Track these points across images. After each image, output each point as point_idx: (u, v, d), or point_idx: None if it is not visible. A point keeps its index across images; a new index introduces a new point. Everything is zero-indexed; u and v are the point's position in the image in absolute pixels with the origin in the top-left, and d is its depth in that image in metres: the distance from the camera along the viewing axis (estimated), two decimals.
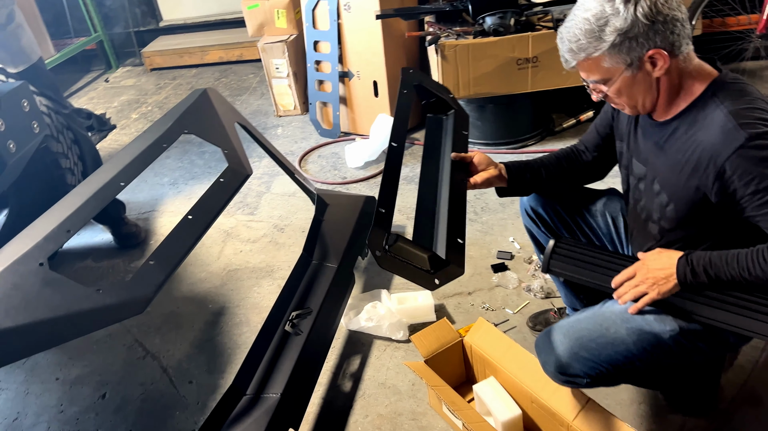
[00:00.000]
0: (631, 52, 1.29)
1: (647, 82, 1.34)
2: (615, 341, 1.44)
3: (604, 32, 1.28)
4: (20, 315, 1.39)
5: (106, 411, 2.08)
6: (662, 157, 1.42)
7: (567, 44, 1.35)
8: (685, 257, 1.33)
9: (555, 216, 1.81)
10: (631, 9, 1.25)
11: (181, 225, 1.85)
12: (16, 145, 1.92)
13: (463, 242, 1.47)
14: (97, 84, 5.48)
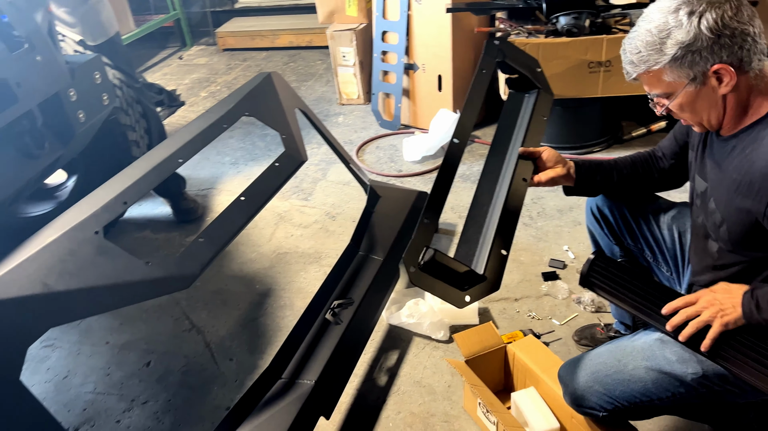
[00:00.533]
0: (693, 66, 1.23)
1: (712, 99, 1.27)
2: (632, 378, 1.40)
3: (666, 45, 1.23)
4: (73, 280, 1.45)
5: (150, 379, 2.15)
6: (720, 174, 1.34)
7: (628, 56, 1.31)
8: (750, 291, 1.25)
9: (621, 220, 1.74)
10: (695, 22, 1.19)
11: (233, 205, 1.88)
12: (85, 115, 1.99)
13: (507, 254, 1.42)
14: (171, 61, 5.65)
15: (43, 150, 1.83)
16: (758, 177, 1.21)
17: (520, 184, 1.58)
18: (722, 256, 1.38)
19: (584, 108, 3.19)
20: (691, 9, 1.20)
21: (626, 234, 1.74)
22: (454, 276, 1.32)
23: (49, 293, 1.39)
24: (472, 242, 1.45)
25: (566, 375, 1.53)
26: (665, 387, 1.39)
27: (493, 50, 1.79)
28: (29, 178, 1.84)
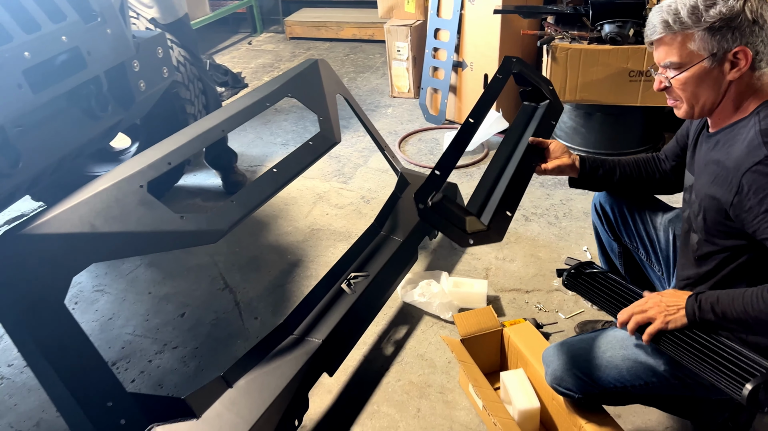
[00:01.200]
0: (722, 42, 1.28)
1: (717, 82, 1.33)
2: (609, 365, 1.50)
3: (708, 13, 1.28)
4: (116, 224, 1.67)
5: (182, 328, 2.38)
6: (702, 167, 1.42)
7: (664, 15, 1.33)
8: (694, 295, 1.34)
9: (621, 218, 1.83)
10: (742, 1, 1.26)
11: (266, 175, 2.07)
12: (146, 84, 2.23)
13: (511, 215, 1.58)
14: (240, 45, 5.96)
15: (105, 112, 2.07)
16: (731, 168, 1.29)
17: (528, 164, 1.73)
18: (700, 247, 1.45)
19: (625, 116, 3.23)
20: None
21: (624, 232, 1.83)
22: (460, 220, 1.50)
23: (94, 233, 1.62)
24: (480, 200, 1.63)
25: (549, 357, 1.63)
26: (639, 376, 1.48)
27: (510, 63, 1.99)
28: (91, 137, 2.08)
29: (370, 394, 2.01)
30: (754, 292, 1.25)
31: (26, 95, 1.70)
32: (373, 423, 1.91)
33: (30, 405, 2.08)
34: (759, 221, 1.24)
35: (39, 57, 1.74)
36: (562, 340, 1.66)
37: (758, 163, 1.22)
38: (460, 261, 2.61)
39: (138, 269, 2.73)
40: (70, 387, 1.50)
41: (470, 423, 1.88)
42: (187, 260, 2.76)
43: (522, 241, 2.70)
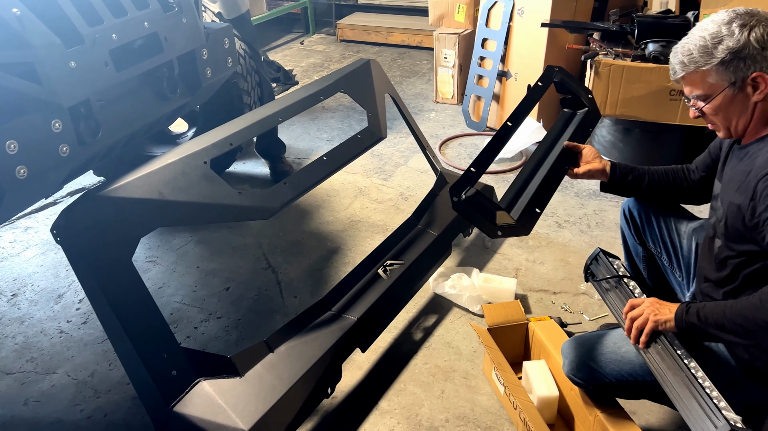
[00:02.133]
0: (737, 72, 1.40)
1: (744, 105, 1.45)
2: (623, 359, 1.60)
3: (717, 49, 1.41)
4: (181, 194, 1.84)
5: (226, 301, 2.54)
6: (730, 176, 1.53)
7: (679, 57, 1.48)
8: (687, 302, 1.46)
9: (647, 224, 1.93)
10: (746, 33, 1.38)
11: (316, 162, 2.22)
12: (212, 72, 2.41)
13: (540, 212, 1.70)
14: (293, 44, 6.18)
15: (174, 95, 2.26)
16: (753, 176, 1.39)
17: (561, 166, 1.85)
18: (721, 251, 1.54)
19: (665, 134, 3.29)
20: (743, 22, 1.40)
21: (649, 237, 1.92)
22: (490, 213, 1.64)
23: (162, 200, 1.79)
24: (511, 197, 1.76)
25: (567, 349, 1.74)
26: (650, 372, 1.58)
27: (552, 71, 2.15)
28: (160, 116, 2.27)
29: (398, 374, 2.13)
30: (736, 300, 1.36)
31: (111, 73, 1.89)
32: (400, 399, 2.03)
33: (85, 357, 2.27)
34: (765, 226, 1.33)
35: (124, 39, 1.94)
36: (579, 335, 1.76)
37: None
38: (491, 260, 2.72)
39: (188, 245, 2.92)
40: (131, 336, 1.67)
41: (491, 407, 1.99)
42: (233, 240, 2.94)
43: (553, 246, 2.79)
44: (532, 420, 1.70)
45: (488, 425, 1.92)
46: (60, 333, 2.40)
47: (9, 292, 2.64)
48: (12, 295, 2.62)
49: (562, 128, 2.09)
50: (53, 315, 2.49)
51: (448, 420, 1.95)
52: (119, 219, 1.71)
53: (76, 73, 1.76)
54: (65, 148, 1.77)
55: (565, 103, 2.23)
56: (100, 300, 1.67)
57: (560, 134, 2.05)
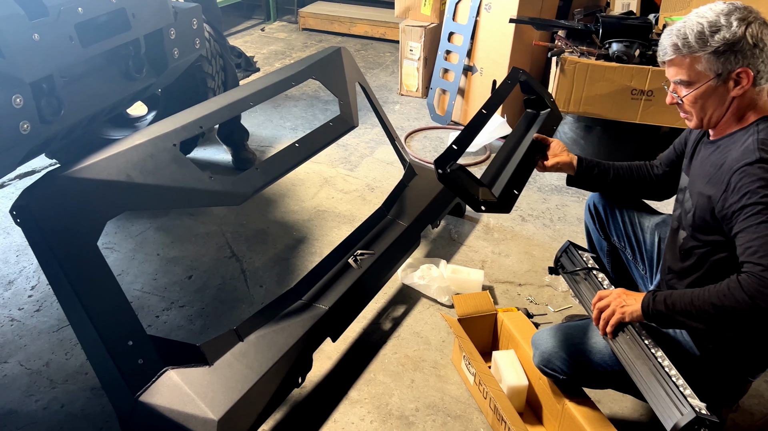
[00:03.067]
0: (726, 64, 1.43)
1: (723, 98, 1.48)
2: (593, 349, 1.64)
3: (713, 38, 1.42)
4: (149, 177, 1.77)
5: (189, 289, 2.48)
6: (699, 169, 1.57)
7: (674, 38, 1.47)
8: (652, 292, 1.49)
9: (611, 218, 1.97)
10: (743, 27, 1.41)
11: (288, 149, 2.19)
12: (179, 53, 2.33)
13: (518, 193, 1.76)
14: (253, 31, 6.06)
15: (140, 74, 2.17)
16: (725, 169, 1.43)
17: (533, 155, 1.91)
18: (686, 242, 1.59)
19: (624, 133, 3.38)
20: (742, 16, 1.42)
21: (613, 232, 1.97)
22: (474, 188, 1.69)
23: (129, 182, 1.72)
24: (491, 176, 1.82)
25: (538, 340, 1.77)
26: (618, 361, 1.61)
27: (517, 72, 2.23)
28: (124, 96, 2.18)
29: (368, 363, 2.12)
30: (703, 288, 1.39)
31: (76, 48, 1.81)
32: (369, 389, 2.02)
33: (39, 346, 2.17)
34: (734, 217, 1.38)
35: (90, 13, 1.85)
36: (550, 326, 1.79)
37: (747, 164, 1.37)
38: (458, 251, 2.74)
39: (147, 231, 2.82)
40: (96, 323, 1.60)
41: (460, 396, 2.00)
42: (195, 227, 2.86)
43: (518, 239, 2.83)
44: (504, 408, 1.72)
45: (458, 414, 1.94)
46: (11, 321, 2.28)
47: None
48: None
49: (528, 126, 2.13)
50: (3, 303, 2.37)
51: (418, 409, 1.95)
52: (85, 201, 1.64)
53: (39, 46, 1.67)
54: (26, 125, 1.69)
55: (528, 103, 2.28)
56: (63, 285, 1.59)
57: (527, 130, 2.09)
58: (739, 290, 1.31)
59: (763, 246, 1.30)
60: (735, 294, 1.32)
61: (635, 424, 1.92)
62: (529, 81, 2.27)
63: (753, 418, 1.94)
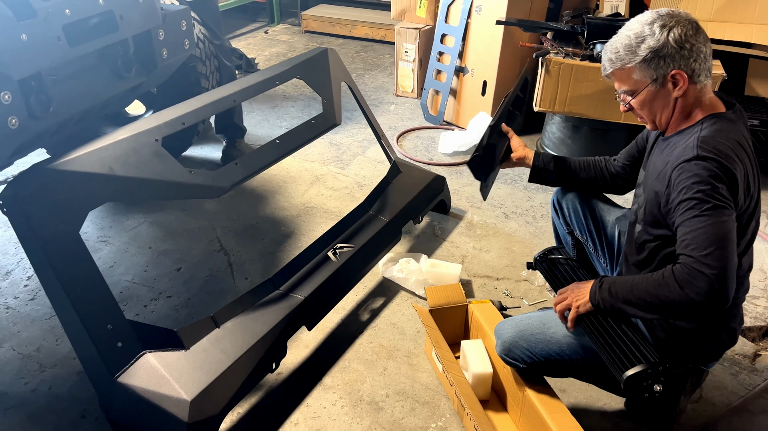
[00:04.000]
0: (658, 69, 1.51)
1: (666, 100, 1.56)
2: (551, 340, 1.71)
3: (640, 48, 1.51)
4: (131, 170, 1.87)
5: (177, 281, 2.57)
6: (652, 166, 1.64)
7: (608, 54, 1.60)
8: (599, 279, 1.57)
9: (573, 213, 2.04)
10: (665, 33, 1.49)
11: (268, 145, 2.28)
12: (168, 53, 2.43)
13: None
14: (257, 33, 6.17)
15: (129, 74, 2.27)
16: (669, 166, 1.50)
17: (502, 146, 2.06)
18: (640, 236, 1.66)
19: (611, 132, 3.43)
20: (663, 23, 1.50)
21: (576, 226, 2.04)
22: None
23: (111, 175, 1.82)
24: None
25: (501, 330, 1.83)
26: (576, 351, 1.69)
27: (527, 82, 2.40)
28: (115, 94, 2.28)
29: (343, 352, 2.20)
30: (642, 276, 1.47)
31: (63, 48, 1.91)
32: (343, 376, 2.10)
33: (32, 333, 2.27)
34: (674, 212, 1.44)
35: (77, 15, 1.95)
36: (512, 317, 1.86)
37: (685, 161, 1.43)
38: (440, 247, 2.81)
39: (141, 226, 2.93)
40: (76, 307, 1.69)
41: (430, 383, 2.07)
42: (187, 222, 2.96)
43: (499, 236, 2.90)
44: (464, 394, 1.79)
45: (426, 400, 2.01)
46: (6, 309, 2.39)
47: None
48: None
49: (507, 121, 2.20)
50: (0, 292, 2.48)
51: (388, 395, 2.02)
52: (68, 192, 1.73)
53: (27, 45, 1.77)
54: (14, 120, 1.79)
55: (515, 102, 2.35)
56: (47, 271, 1.69)
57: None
58: (672, 279, 1.37)
59: (695, 239, 1.37)
60: (668, 283, 1.38)
61: (600, 413, 1.98)
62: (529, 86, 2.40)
63: (715, 409, 1.99)
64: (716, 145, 1.44)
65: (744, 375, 2.11)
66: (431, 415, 1.96)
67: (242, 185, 3.24)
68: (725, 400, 2.01)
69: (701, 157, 1.43)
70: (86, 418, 1.93)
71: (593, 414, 1.98)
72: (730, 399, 2.01)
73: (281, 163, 3.48)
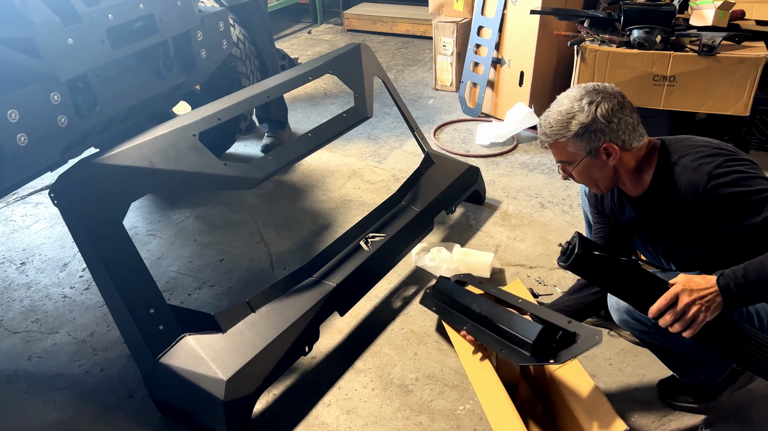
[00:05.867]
0: (590, 143, 1.60)
1: (603, 168, 1.65)
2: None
3: (571, 124, 1.60)
4: (170, 163, 1.98)
5: (219, 271, 2.69)
6: (652, 222, 1.74)
7: (543, 128, 1.69)
8: (720, 273, 1.44)
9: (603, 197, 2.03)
10: (593, 109, 1.57)
11: (301, 138, 2.36)
12: (207, 53, 2.55)
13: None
14: (300, 34, 6.31)
15: (170, 73, 2.40)
16: (688, 202, 1.58)
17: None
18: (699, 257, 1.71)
19: (652, 119, 3.36)
20: (591, 99, 1.59)
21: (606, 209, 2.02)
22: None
23: (152, 168, 1.93)
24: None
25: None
26: None
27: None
28: (157, 93, 2.41)
29: (375, 337, 2.26)
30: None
31: (107, 50, 2.04)
32: (374, 360, 2.16)
33: (86, 320, 2.43)
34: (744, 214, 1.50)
35: (119, 19, 2.08)
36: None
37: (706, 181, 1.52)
38: (473, 237, 2.83)
39: (187, 220, 3.07)
40: (121, 292, 1.81)
41: (460, 368, 2.10)
42: (230, 215, 3.08)
43: (534, 225, 2.90)
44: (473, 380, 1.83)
45: (455, 384, 2.04)
46: (63, 298, 2.56)
47: (18, 261, 2.81)
48: (21, 263, 2.79)
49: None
50: (58, 282, 2.66)
51: (417, 379, 2.07)
52: (112, 184, 1.86)
53: (73, 49, 1.90)
54: (63, 119, 1.92)
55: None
56: (93, 258, 1.82)
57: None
58: None
59: None
60: None
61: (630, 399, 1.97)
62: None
63: (750, 395, 1.95)
64: (705, 151, 1.55)
65: None
66: (459, 398, 1.99)
67: (282, 180, 3.37)
68: (762, 385, 1.97)
69: (714, 175, 1.50)
70: (133, 397, 2.06)
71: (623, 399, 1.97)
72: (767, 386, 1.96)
73: (320, 158, 3.59)
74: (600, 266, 1.52)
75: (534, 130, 3.83)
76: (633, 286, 1.51)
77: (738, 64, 2.92)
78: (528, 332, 1.74)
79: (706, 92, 3.03)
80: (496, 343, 1.83)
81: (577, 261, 1.51)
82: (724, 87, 2.99)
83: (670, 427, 1.85)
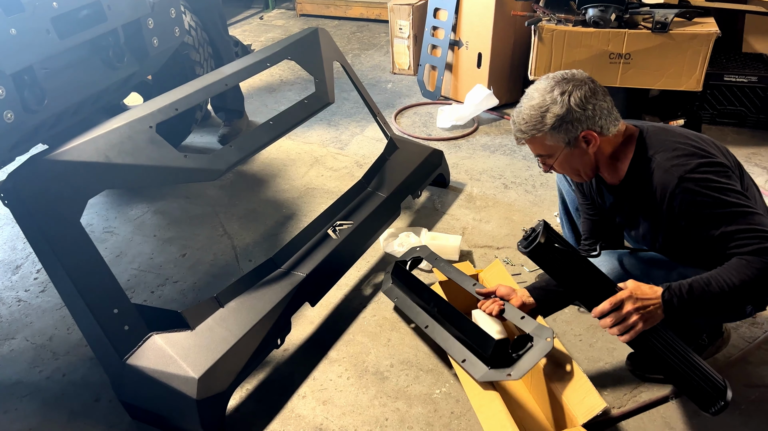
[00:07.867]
0: (568, 133, 1.58)
1: (584, 156, 1.64)
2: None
3: (546, 117, 1.57)
4: (127, 157, 1.90)
5: (183, 266, 2.62)
6: (629, 209, 1.75)
7: (517, 125, 1.65)
8: (668, 286, 1.49)
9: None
10: (566, 99, 1.54)
11: (262, 126, 2.30)
12: (159, 41, 2.45)
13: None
14: (252, 20, 6.17)
15: (122, 63, 2.29)
16: (657, 201, 1.60)
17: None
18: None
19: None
20: (562, 89, 1.56)
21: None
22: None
23: (108, 163, 1.85)
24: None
25: None
26: None
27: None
28: (108, 85, 2.31)
29: (347, 326, 2.24)
30: (719, 272, 1.45)
31: (53, 40, 1.93)
32: (348, 348, 2.14)
33: (44, 323, 2.33)
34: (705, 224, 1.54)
35: (65, 7, 1.97)
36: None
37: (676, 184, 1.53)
38: (440, 220, 2.83)
39: (145, 215, 2.97)
40: (82, 293, 1.74)
41: (434, 353, 2.10)
42: (190, 209, 3.00)
43: (499, 206, 2.91)
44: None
45: (430, 368, 2.04)
46: (18, 302, 2.45)
47: None
48: None
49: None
50: (11, 285, 2.54)
51: (392, 365, 2.06)
52: (66, 181, 1.77)
53: (17, 39, 1.80)
54: (10, 114, 1.82)
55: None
56: (51, 260, 1.73)
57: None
58: (755, 261, 1.42)
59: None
60: (750, 264, 1.42)
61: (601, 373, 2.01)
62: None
63: (715, 362, 2.01)
64: (681, 149, 1.54)
65: (744, 329, 2.12)
66: (435, 382, 1.99)
67: (243, 170, 3.30)
68: (725, 353, 2.03)
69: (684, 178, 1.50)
70: (100, 401, 1.99)
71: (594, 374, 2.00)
72: (730, 352, 2.02)
73: (280, 146, 3.52)
74: (557, 258, 1.54)
75: (494, 111, 3.84)
76: (584, 284, 1.55)
77: (690, 40, 2.98)
78: (483, 345, 1.75)
79: (661, 69, 3.09)
80: (457, 351, 1.83)
81: (537, 250, 1.53)
82: (678, 63, 3.05)
83: (641, 398, 1.89)
